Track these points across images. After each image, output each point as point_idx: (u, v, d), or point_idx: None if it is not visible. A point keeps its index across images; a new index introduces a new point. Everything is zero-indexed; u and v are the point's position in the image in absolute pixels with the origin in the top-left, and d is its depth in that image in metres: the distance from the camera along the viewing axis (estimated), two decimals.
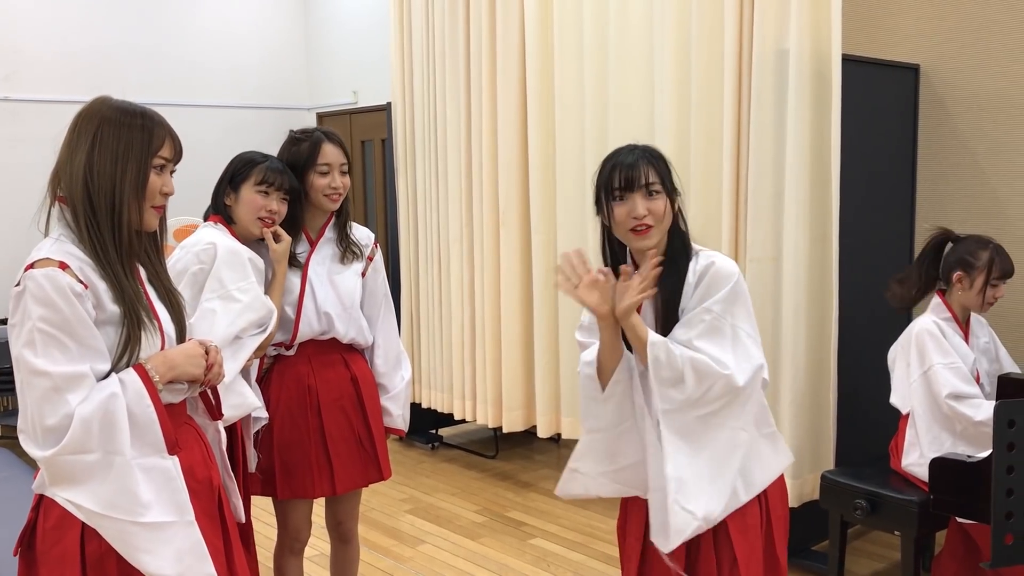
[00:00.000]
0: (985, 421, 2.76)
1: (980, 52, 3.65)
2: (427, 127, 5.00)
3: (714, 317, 2.04)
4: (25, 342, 1.64)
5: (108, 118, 1.75)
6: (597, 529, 4.07)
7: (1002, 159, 3.62)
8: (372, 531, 4.10)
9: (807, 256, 3.36)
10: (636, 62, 3.91)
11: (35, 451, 1.65)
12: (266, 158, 2.59)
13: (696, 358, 2.01)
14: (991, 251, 2.98)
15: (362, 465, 2.76)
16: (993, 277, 2.98)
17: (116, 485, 1.66)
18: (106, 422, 1.65)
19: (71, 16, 6.15)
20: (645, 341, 2.03)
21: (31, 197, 1.83)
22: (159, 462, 1.72)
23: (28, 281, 1.66)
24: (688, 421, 2.05)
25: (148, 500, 1.68)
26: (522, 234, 4.56)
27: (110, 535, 1.67)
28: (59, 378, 1.63)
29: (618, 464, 2.17)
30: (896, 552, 3.57)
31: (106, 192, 1.72)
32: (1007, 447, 1.67)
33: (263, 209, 2.55)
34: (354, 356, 2.78)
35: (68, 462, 1.64)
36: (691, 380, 2.01)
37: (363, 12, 6.68)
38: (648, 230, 2.06)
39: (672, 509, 2.03)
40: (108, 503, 1.65)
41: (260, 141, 2.82)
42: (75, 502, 1.66)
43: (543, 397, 4.49)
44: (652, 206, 2.05)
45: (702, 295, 2.07)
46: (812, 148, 3.33)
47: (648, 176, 2.06)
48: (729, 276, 2.07)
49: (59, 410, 1.62)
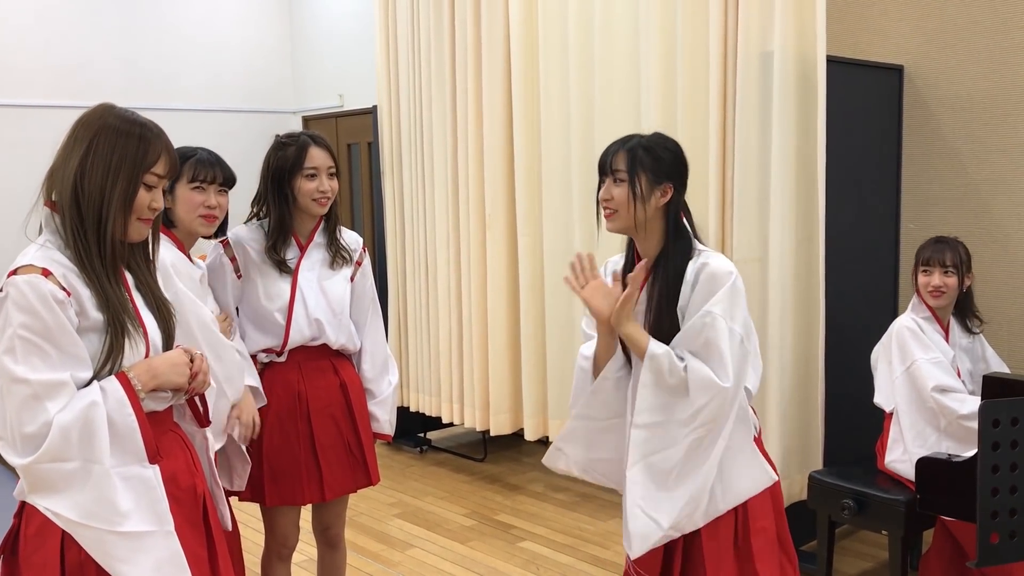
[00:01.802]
0: (969, 415, 2.79)
1: (964, 53, 3.67)
2: (413, 130, 5.00)
3: (714, 319, 2.03)
4: (5, 349, 1.63)
5: (106, 127, 1.73)
6: (586, 532, 4.07)
7: (986, 159, 3.64)
8: (361, 535, 4.09)
9: (793, 257, 3.37)
10: (621, 65, 3.92)
11: (14, 459, 1.63)
12: (195, 151, 2.47)
13: (698, 369, 2.02)
14: (926, 242, 3.09)
15: (351, 471, 2.75)
16: (921, 265, 3.06)
17: (94, 494, 1.64)
18: (85, 431, 1.63)
19: (54, 21, 6.11)
20: (644, 350, 2.05)
21: (14, 202, 1.82)
22: (140, 471, 1.71)
23: (10, 288, 1.64)
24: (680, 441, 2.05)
25: (127, 509, 1.66)
26: (508, 237, 4.56)
27: (88, 544, 1.65)
28: (38, 385, 1.61)
29: (596, 455, 2.23)
30: (884, 551, 3.58)
31: (94, 201, 1.70)
32: (992, 446, 1.68)
33: (201, 206, 2.44)
34: (342, 362, 2.77)
35: (46, 470, 1.62)
36: (694, 392, 2.03)
37: (348, 15, 6.67)
38: (612, 214, 2.14)
39: (632, 513, 2.04)
40: (86, 512, 1.64)
41: (245, 145, 2.81)
42: (53, 510, 1.64)
43: (531, 400, 4.49)
44: (615, 191, 2.12)
45: (701, 297, 2.06)
46: (797, 149, 3.34)
47: (616, 163, 2.11)
48: (728, 275, 2.07)
49: (38, 418, 1.61)
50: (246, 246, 2.65)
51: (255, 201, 2.72)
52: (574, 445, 2.26)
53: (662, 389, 2.05)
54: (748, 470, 2.13)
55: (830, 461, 3.43)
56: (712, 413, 2.03)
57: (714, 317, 2.03)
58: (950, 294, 3.02)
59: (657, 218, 2.13)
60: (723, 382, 2.01)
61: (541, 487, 4.68)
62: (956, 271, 3.01)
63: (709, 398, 2.01)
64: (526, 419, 4.53)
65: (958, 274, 3.02)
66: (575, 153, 4.14)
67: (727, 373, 2.01)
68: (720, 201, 3.49)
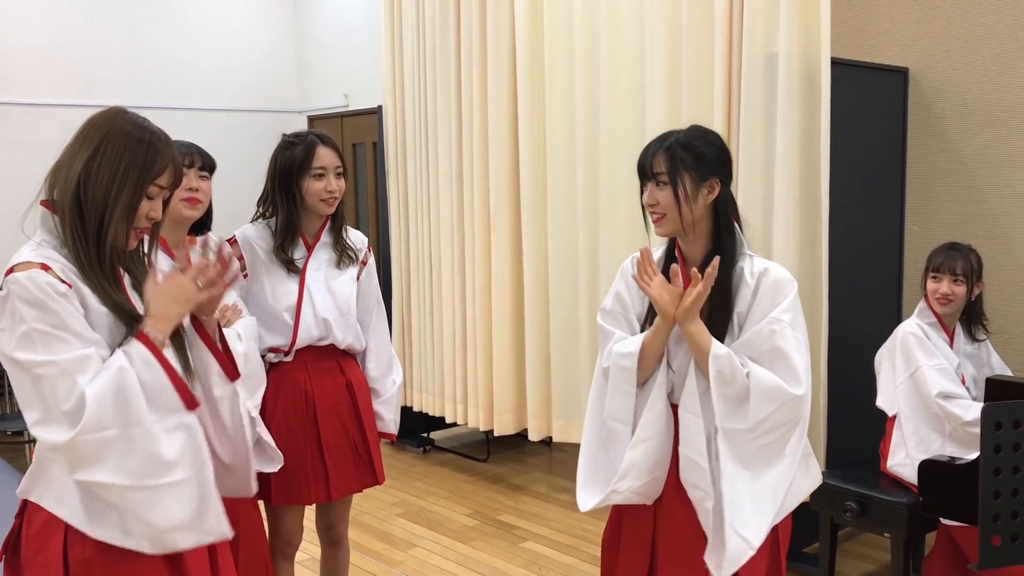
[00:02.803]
0: (974, 421, 2.78)
1: (969, 55, 3.67)
2: (418, 130, 5.01)
3: (783, 327, 1.98)
4: (22, 344, 1.63)
5: (116, 132, 1.72)
6: (588, 532, 4.07)
7: (990, 162, 3.64)
8: (364, 535, 4.10)
9: (797, 259, 3.37)
10: (626, 66, 3.92)
11: (56, 438, 1.62)
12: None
13: (763, 378, 1.95)
14: (937, 248, 3.07)
15: (357, 471, 2.75)
16: (931, 271, 3.04)
17: (140, 454, 1.64)
18: (120, 397, 1.64)
19: (61, 19, 6.13)
20: (707, 351, 1.97)
21: (21, 200, 1.82)
22: (180, 419, 1.71)
23: (12, 285, 1.64)
24: (748, 447, 1.98)
25: (173, 459, 1.67)
26: (513, 237, 4.56)
27: (138, 506, 1.65)
28: (65, 363, 1.62)
29: (652, 475, 2.07)
30: (886, 554, 3.58)
31: (97, 206, 1.70)
32: (994, 449, 1.68)
33: (183, 189, 2.38)
34: (348, 362, 2.78)
35: (89, 441, 1.62)
36: (756, 401, 1.95)
37: (354, 15, 6.68)
38: (661, 219, 2.06)
39: (728, 534, 1.95)
40: (137, 473, 1.64)
41: (250, 144, 2.82)
42: (102, 481, 1.64)
43: (534, 400, 4.49)
44: (660, 195, 2.05)
45: (766, 303, 2.01)
46: (801, 151, 3.34)
47: (656, 165, 2.05)
48: (791, 283, 2.03)
49: (73, 392, 1.62)
50: (254, 245, 2.66)
51: (261, 200, 2.72)
52: (633, 478, 2.06)
53: (722, 395, 1.97)
54: (806, 483, 2.09)
55: (833, 463, 3.43)
56: (780, 420, 1.97)
57: (783, 325, 1.98)
58: (957, 302, 3.02)
59: (706, 217, 2.07)
60: (794, 389, 1.95)
61: (544, 488, 4.69)
62: (966, 280, 3.00)
63: (776, 406, 1.95)
64: (530, 419, 4.53)
65: (967, 283, 3.00)
66: (580, 153, 4.15)
67: (799, 380, 1.96)
68: None
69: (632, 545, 2.15)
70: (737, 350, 2.00)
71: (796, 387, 1.96)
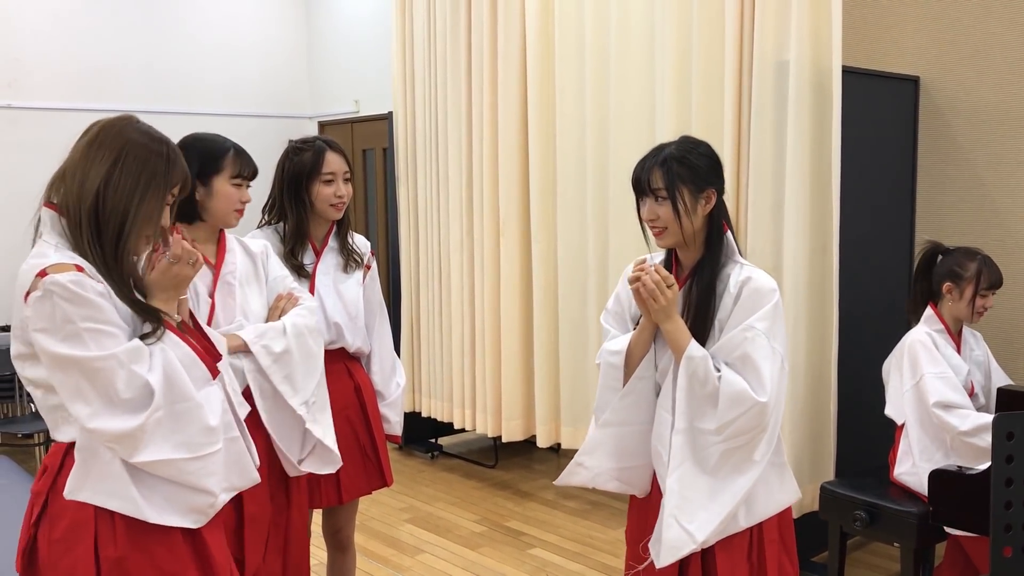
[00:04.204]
0: (970, 432, 2.78)
1: (980, 64, 3.66)
2: (428, 136, 5.01)
3: (756, 335, 2.01)
4: (73, 342, 1.66)
5: (136, 142, 1.76)
6: (596, 539, 4.06)
7: (1002, 170, 3.63)
8: (371, 540, 4.10)
9: (807, 267, 3.36)
10: (637, 73, 3.92)
11: (121, 426, 1.68)
12: (229, 143, 2.41)
13: (732, 382, 1.99)
14: (979, 262, 3.01)
15: (366, 473, 2.77)
16: (982, 288, 3.00)
17: (195, 426, 1.76)
18: (173, 379, 1.73)
19: (73, 25, 6.17)
20: (683, 349, 2.03)
21: (32, 203, 1.83)
22: (210, 389, 1.82)
23: (52, 287, 1.66)
24: (711, 449, 2.02)
25: (216, 425, 1.79)
26: (522, 243, 4.56)
27: (192, 474, 1.75)
28: (122, 354, 1.69)
29: (625, 463, 2.17)
30: (896, 563, 3.57)
31: (117, 215, 1.73)
32: (1006, 459, 1.67)
33: (238, 201, 2.39)
34: (355, 365, 2.80)
35: (155, 422, 1.71)
36: (723, 404, 1.99)
37: (365, 21, 6.70)
38: (662, 232, 2.10)
39: (667, 523, 2.01)
40: (194, 445, 1.75)
41: (261, 150, 2.81)
42: (166, 459, 1.72)
43: (543, 407, 4.49)
44: (660, 211, 2.08)
45: (744, 311, 2.04)
46: (812, 159, 3.33)
47: (653, 181, 2.08)
48: (772, 292, 2.06)
49: (134, 381, 1.69)
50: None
51: (267, 207, 2.73)
52: (600, 456, 2.17)
53: (693, 394, 2.02)
54: (780, 495, 2.13)
55: (842, 472, 3.42)
56: (745, 426, 2.00)
57: (756, 332, 2.01)
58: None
59: (704, 227, 2.12)
60: (759, 396, 1.98)
61: (552, 494, 4.68)
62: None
63: (741, 411, 1.98)
64: (538, 426, 4.53)
65: None
66: (590, 160, 4.15)
67: (764, 388, 1.98)
68: (734, 210, 3.48)
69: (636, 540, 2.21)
70: (714, 355, 2.05)
71: (761, 394, 1.99)
